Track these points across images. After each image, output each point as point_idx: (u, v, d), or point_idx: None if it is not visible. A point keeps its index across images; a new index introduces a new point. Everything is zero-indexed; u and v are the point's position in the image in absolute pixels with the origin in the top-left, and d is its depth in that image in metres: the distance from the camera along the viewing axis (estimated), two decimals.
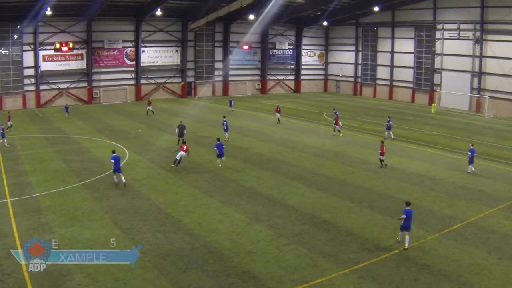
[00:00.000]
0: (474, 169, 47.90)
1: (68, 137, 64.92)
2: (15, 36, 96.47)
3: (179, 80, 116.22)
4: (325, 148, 56.79)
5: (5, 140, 60.34)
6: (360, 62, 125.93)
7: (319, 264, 26.96)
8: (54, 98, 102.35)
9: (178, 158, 48.43)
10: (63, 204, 37.74)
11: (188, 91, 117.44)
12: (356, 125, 72.36)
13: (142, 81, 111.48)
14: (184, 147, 48.69)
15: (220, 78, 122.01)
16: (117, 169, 42.46)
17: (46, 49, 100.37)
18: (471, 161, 47.88)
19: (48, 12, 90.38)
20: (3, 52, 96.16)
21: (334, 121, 67.32)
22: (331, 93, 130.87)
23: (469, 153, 48.13)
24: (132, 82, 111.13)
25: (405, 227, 29.12)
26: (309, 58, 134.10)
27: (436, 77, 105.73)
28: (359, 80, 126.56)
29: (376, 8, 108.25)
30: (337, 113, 72.70)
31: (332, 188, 41.51)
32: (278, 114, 77.54)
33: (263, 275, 25.81)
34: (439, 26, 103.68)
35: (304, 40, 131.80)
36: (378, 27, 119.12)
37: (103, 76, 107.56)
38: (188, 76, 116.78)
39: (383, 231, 31.51)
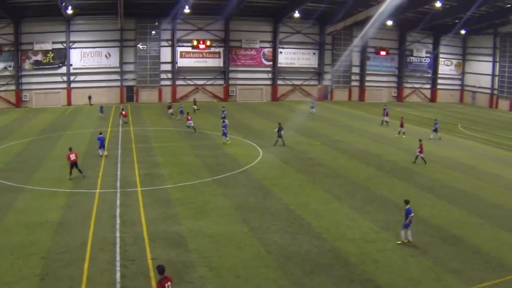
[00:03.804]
0: (433, 137, 65.49)
1: (201, 133, 65.85)
2: (153, 32, 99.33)
3: (316, 83, 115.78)
4: (458, 160, 54.42)
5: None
6: (497, 73, 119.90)
7: (442, 279, 25.55)
8: (190, 94, 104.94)
9: None
10: (193, 197, 38.06)
11: (324, 94, 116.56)
12: (491, 139, 69.18)
13: (279, 82, 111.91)
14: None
15: (356, 83, 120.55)
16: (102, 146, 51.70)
17: (183, 46, 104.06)
18: (434, 130, 66.28)
19: (187, 10, 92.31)
20: (141, 47, 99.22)
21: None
22: (466, 104, 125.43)
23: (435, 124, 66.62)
24: (269, 82, 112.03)
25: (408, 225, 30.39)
26: (446, 67, 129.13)
27: None
28: (495, 92, 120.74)
29: None
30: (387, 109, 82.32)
31: (462, 202, 39.38)
32: (385, 117, 79.31)
33: (385, 285, 24.77)
34: None
35: (441, 49, 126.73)
36: None
37: (239, 75, 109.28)
38: (325, 80, 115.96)
39: (510, 251, 29.45)
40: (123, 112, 72.87)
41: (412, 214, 29.69)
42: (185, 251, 27.56)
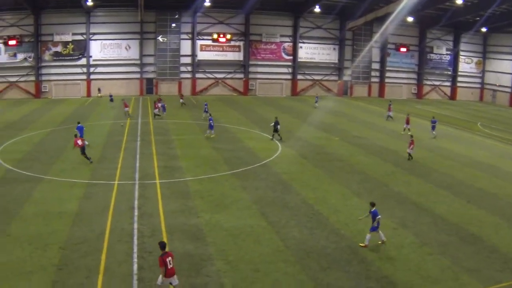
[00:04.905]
0: (434, 134, 65.36)
1: (221, 126, 65.57)
2: (174, 25, 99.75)
3: (336, 78, 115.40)
4: (477, 159, 53.84)
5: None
6: None
7: (460, 278, 25.22)
8: (210, 87, 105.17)
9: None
10: (211, 190, 37.92)
11: (344, 90, 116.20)
12: (511, 138, 68.48)
13: (299, 77, 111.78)
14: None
15: (376, 79, 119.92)
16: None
17: (203, 39, 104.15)
18: (432, 128, 66.07)
19: (207, 3, 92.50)
20: (161, 39, 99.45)
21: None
22: (486, 103, 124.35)
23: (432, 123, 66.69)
24: (289, 76, 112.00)
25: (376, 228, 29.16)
26: (466, 65, 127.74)
27: None
28: None
29: None
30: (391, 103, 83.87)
31: (481, 201, 38.72)
32: (389, 112, 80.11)
33: (402, 283, 24.49)
34: None
35: (462, 46, 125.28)
36: None
37: (259, 69, 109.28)
38: (345, 75, 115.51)
39: None
40: (125, 103, 73.15)
41: (379, 216, 28.75)
42: (203, 244, 27.48)
